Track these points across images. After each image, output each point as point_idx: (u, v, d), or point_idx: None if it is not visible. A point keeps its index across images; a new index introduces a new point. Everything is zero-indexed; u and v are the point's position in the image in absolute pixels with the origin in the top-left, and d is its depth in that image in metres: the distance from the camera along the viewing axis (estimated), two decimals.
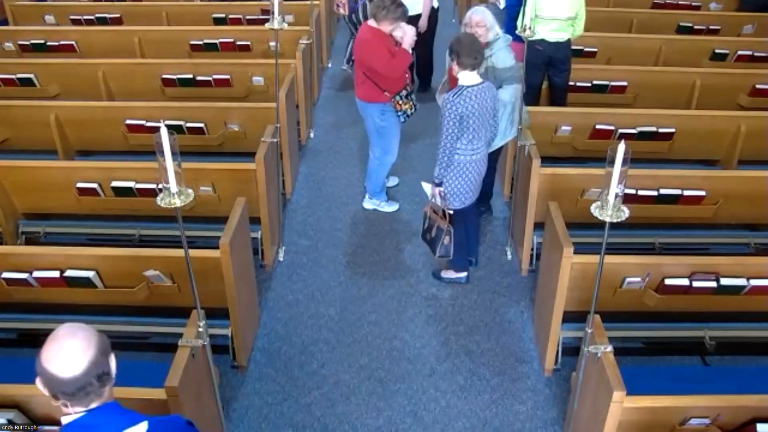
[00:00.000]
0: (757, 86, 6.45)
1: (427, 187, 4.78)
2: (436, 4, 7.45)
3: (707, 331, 4.36)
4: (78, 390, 1.92)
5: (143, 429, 2.03)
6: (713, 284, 3.97)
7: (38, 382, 1.95)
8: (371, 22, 5.28)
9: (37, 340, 4.40)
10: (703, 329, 4.37)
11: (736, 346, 4.46)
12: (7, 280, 4.06)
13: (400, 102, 5.42)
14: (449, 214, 4.66)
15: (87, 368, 1.91)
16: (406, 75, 5.42)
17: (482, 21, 4.93)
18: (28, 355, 4.42)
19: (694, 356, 4.43)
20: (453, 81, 4.72)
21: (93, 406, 1.98)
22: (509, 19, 6.25)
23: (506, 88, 4.95)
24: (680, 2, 8.80)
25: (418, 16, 7.34)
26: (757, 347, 4.44)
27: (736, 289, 4.00)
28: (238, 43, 7.29)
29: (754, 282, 3.97)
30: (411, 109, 5.51)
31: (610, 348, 3.31)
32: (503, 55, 5.00)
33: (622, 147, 2.71)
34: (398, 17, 5.24)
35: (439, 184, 4.63)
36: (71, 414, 1.98)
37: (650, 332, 4.43)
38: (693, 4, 8.83)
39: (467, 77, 4.44)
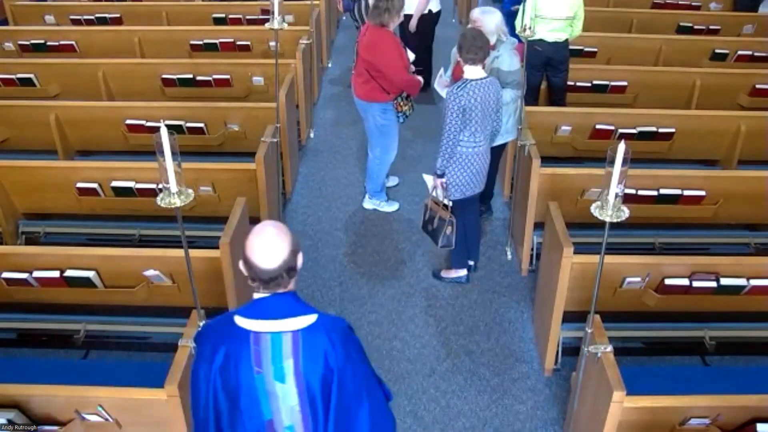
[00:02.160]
0: (757, 86, 6.45)
1: (428, 179, 4.79)
2: (436, 9, 7.45)
3: (707, 331, 4.37)
4: (270, 280, 2.31)
5: (313, 319, 2.36)
6: (713, 284, 3.97)
7: (241, 264, 2.34)
8: (381, 26, 5.25)
9: (37, 340, 4.46)
10: (703, 329, 4.38)
11: (736, 346, 4.46)
12: (7, 280, 4.06)
13: (401, 103, 5.44)
14: (450, 205, 4.68)
15: (280, 264, 2.29)
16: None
17: (478, 20, 4.92)
18: (28, 355, 4.46)
19: (694, 356, 4.43)
20: (458, 75, 4.73)
21: (279, 291, 2.36)
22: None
23: (507, 90, 4.95)
24: (680, 2, 8.80)
25: (436, 12, 7.42)
26: (757, 347, 4.44)
27: (736, 289, 4.00)
28: (238, 43, 7.29)
29: (754, 282, 3.97)
30: (410, 110, 5.54)
31: (610, 348, 3.31)
32: (507, 59, 4.99)
33: (622, 147, 2.71)
34: (402, 5, 5.26)
35: (441, 176, 4.63)
36: (259, 293, 2.38)
37: (650, 332, 4.43)
38: (693, 4, 8.84)
39: (472, 71, 4.46)
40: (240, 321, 2.36)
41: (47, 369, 3.98)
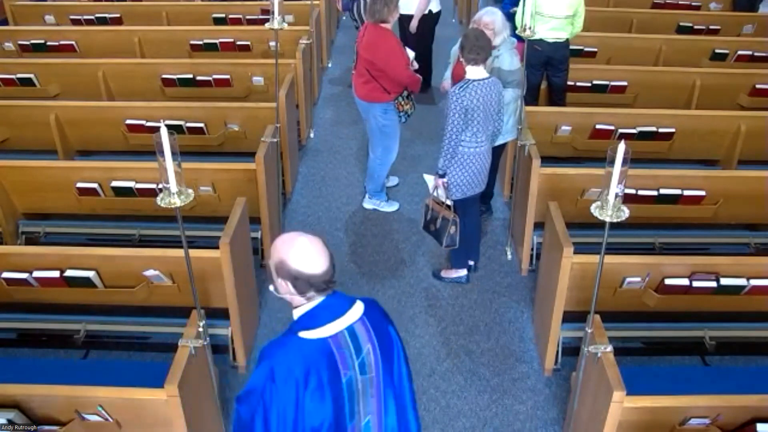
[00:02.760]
0: (757, 86, 6.45)
1: (429, 179, 4.78)
2: (436, 9, 7.44)
3: (707, 331, 4.36)
4: (326, 282, 2.30)
5: (361, 306, 2.41)
6: (713, 284, 3.97)
7: (284, 283, 2.29)
8: (381, 24, 5.26)
9: (37, 340, 4.45)
10: (703, 329, 4.37)
11: (736, 346, 4.46)
12: (7, 280, 4.06)
13: (402, 102, 5.45)
14: (452, 205, 4.67)
15: (330, 264, 2.30)
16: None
17: (491, 23, 4.91)
18: (28, 355, 4.46)
19: (694, 356, 4.43)
20: (459, 75, 4.73)
21: (329, 293, 2.34)
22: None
23: (508, 89, 4.95)
24: (680, 2, 8.79)
25: (436, 12, 7.41)
26: (757, 347, 4.44)
27: (736, 289, 4.00)
28: (238, 42, 7.28)
29: (754, 282, 3.97)
30: (411, 109, 5.55)
31: (610, 348, 3.31)
32: (508, 58, 5.00)
33: (622, 147, 2.71)
34: (397, 2, 5.28)
35: (443, 176, 4.63)
36: (310, 303, 2.33)
37: (650, 332, 4.42)
38: (693, 4, 8.83)
39: (474, 71, 4.46)
40: (310, 334, 2.30)
41: (47, 369, 3.97)
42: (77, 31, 7.64)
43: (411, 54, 5.54)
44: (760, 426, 3.12)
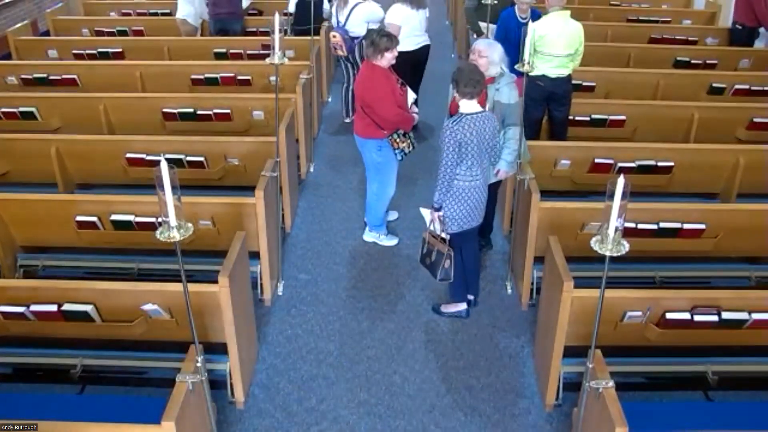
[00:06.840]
0: (755, 120, 6.49)
1: (426, 212, 4.77)
2: (412, 48, 7.33)
3: (710, 365, 4.32)
4: None
5: None
6: (715, 318, 3.94)
7: None
8: (373, 62, 5.31)
9: (33, 374, 4.41)
10: (705, 364, 4.33)
11: (739, 381, 4.41)
12: (4, 313, 4.03)
13: (398, 140, 5.42)
14: (448, 238, 4.66)
15: None
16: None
17: (484, 51, 4.96)
18: (24, 390, 4.41)
19: (696, 391, 4.38)
20: (454, 109, 4.76)
21: None
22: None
23: (512, 128, 4.97)
24: (677, 37, 8.89)
25: (410, 52, 7.34)
26: (761, 382, 4.39)
27: (737, 323, 3.97)
28: (239, 77, 7.35)
29: (756, 316, 3.94)
30: (409, 147, 5.51)
31: (611, 383, 3.28)
32: (507, 92, 5.03)
33: (621, 181, 2.72)
34: (390, 45, 5.26)
35: (438, 209, 4.63)
36: None
37: (652, 367, 4.39)
38: (690, 38, 8.93)
39: (467, 105, 4.48)
40: None
41: (42, 404, 3.94)
42: (79, 66, 7.72)
43: (411, 97, 5.55)
44: None
